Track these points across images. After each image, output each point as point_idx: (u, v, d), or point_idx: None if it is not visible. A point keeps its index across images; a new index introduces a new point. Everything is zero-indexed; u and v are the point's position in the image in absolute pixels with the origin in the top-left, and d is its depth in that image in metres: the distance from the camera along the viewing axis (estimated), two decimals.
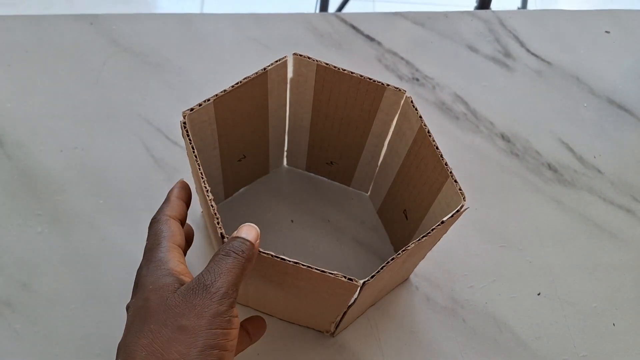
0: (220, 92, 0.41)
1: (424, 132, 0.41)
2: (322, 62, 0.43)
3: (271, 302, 0.44)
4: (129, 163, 0.55)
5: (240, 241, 0.33)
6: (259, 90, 0.44)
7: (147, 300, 0.31)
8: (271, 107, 0.47)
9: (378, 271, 0.35)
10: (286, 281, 0.38)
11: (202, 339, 0.29)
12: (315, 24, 0.66)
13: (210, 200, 0.36)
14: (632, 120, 0.63)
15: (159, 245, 0.34)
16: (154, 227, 0.36)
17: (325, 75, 0.43)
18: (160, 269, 0.32)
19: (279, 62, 0.42)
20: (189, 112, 0.39)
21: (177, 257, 0.34)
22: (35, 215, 0.51)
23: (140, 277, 0.33)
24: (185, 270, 0.33)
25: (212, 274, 0.31)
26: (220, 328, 0.30)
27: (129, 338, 0.31)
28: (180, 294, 0.31)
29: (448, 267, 0.52)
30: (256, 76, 0.42)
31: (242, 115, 0.45)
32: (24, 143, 0.55)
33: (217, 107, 0.41)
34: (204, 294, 0.30)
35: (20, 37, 0.61)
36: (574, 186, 0.58)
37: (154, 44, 0.62)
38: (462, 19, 0.69)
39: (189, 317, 0.30)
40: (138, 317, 0.31)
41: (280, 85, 0.45)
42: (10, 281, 0.48)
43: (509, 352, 0.48)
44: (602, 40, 0.69)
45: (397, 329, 0.48)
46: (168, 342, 0.29)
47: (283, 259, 0.34)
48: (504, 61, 0.66)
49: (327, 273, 0.34)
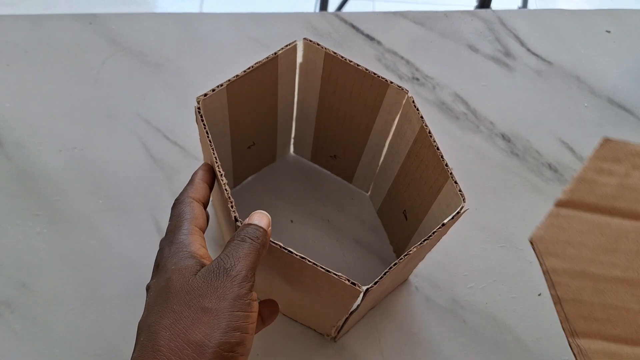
0: (233, 77, 0.41)
1: (425, 132, 0.41)
2: (330, 50, 0.42)
3: (276, 296, 0.44)
4: (128, 163, 0.55)
5: (254, 227, 0.33)
6: (269, 75, 0.43)
7: (170, 281, 0.31)
8: (280, 93, 0.47)
9: (381, 277, 0.35)
10: (292, 275, 0.38)
11: (225, 321, 0.30)
12: (315, 24, 0.66)
13: (225, 185, 0.36)
14: (632, 120, 0.63)
15: (181, 227, 0.34)
16: (177, 208, 0.36)
17: (333, 64, 0.43)
18: (182, 250, 0.33)
19: (289, 46, 0.42)
20: (203, 97, 0.39)
21: (198, 240, 0.34)
22: (34, 216, 0.51)
23: (162, 257, 0.33)
24: (207, 254, 0.34)
25: (231, 258, 0.31)
26: (241, 311, 0.30)
27: (151, 318, 0.31)
28: (201, 276, 0.31)
29: (448, 268, 0.51)
30: (267, 61, 0.42)
31: (253, 101, 0.45)
32: (22, 143, 0.55)
33: (230, 93, 0.41)
34: (225, 277, 0.31)
35: (19, 36, 0.61)
36: None
37: (153, 44, 0.62)
38: (463, 19, 0.69)
39: (212, 299, 0.30)
40: (160, 297, 0.31)
41: (289, 71, 0.45)
42: (10, 281, 0.48)
43: (509, 353, 0.48)
44: (603, 39, 0.69)
45: (397, 329, 0.48)
46: (192, 323, 0.29)
47: (290, 251, 0.34)
48: (504, 61, 0.66)
49: (331, 273, 0.34)
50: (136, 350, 0.31)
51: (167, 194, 0.53)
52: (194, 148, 0.56)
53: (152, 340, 0.30)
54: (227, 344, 0.29)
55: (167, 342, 0.29)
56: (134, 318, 0.47)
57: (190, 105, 0.59)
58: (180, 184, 0.54)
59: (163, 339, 0.29)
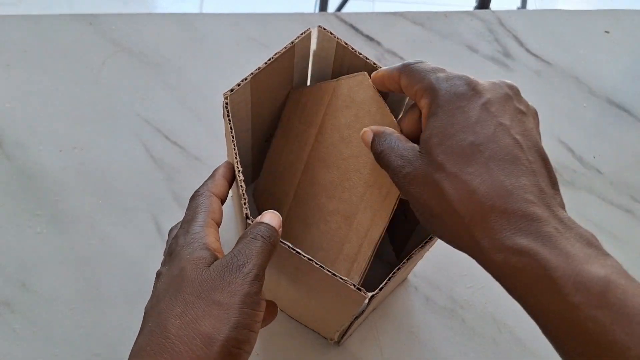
0: (255, 70, 0.41)
1: None
2: (341, 40, 0.43)
3: (282, 296, 0.44)
4: (128, 163, 0.55)
5: (265, 227, 0.34)
6: (287, 64, 0.43)
7: (184, 270, 0.32)
8: (295, 82, 0.47)
9: (385, 283, 0.35)
10: (298, 276, 0.38)
11: (235, 317, 0.30)
12: (315, 24, 0.66)
13: (241, 181, 0.36)
14: (631, 120, 0.63)
15: (198, 218, 0.35)
16: (195, 200, 0.36)
17: (344, 55, 0.43)
18: (197, 241, 0.33)
19: (304, 34, 0.42)
20: (229, 92, 0.39)
21: (213, 233, 0.35)
22: (34, 216, 0.51)
23: (177, 245, 0.34)
24: (220, 248, 0.34)
25: (244, 256, 0.32)
26: (250, 308, 0.31)
27: (162, 305, 0.31)
28: (214, 269, 0.31)
29: (447, 268, 0.52)
30: (285, 50, 0.42)
31: (271, 91, 0.45)
32: (23, 143, 0.55)
33: (253, 86, 0.41)
34: (238, 274, 0.31)
35: (20, 37, 0.61)
36: (573, 186, 0.58)
37: (153, 44, 0.62)
38: (462, 19, 0.69)
39: (223, 293, 0.30)
40: (173, 285, 0.32)
41: (303, 59, 0.45)
42: (9, 281, 0.48)
43: (508, 353, 0.48)
44: (602, 40, 0.69)
45: (397, 329, 0.48)
46: (202, 315, 0.30)
47: (298, 252, 0.34)
48: (503, 61, 0.66)
49: (337, 277, 0.34)
50: (143, 335, 0.31)
51: (167, 194, 0.53)
52: (194, 148, 0.56)
53: (161, 327, 0.30)
54: (235, 340, 0.30)
55: (176, 330, 0.29)
56: (133, 317, 0.47)
57: (190, 106, 0.59)
58: (180, 183, 0.54)
59: (173, 327, 0.30)
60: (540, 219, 0.29)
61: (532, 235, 0.28)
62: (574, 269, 0.27)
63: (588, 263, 0.27)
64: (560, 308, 0.27)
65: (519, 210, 0.29)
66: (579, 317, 0.27)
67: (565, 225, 0.29)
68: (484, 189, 0.29)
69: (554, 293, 0.27)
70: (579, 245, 0.28)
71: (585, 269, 0.27)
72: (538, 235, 0.28)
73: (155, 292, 0.33)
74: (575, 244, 0.28)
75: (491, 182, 0.29)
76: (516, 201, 0.29)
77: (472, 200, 0.29)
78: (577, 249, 0.28)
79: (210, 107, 0.58)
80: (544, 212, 0.29)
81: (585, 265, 0.27)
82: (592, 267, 0.27)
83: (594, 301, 0.26)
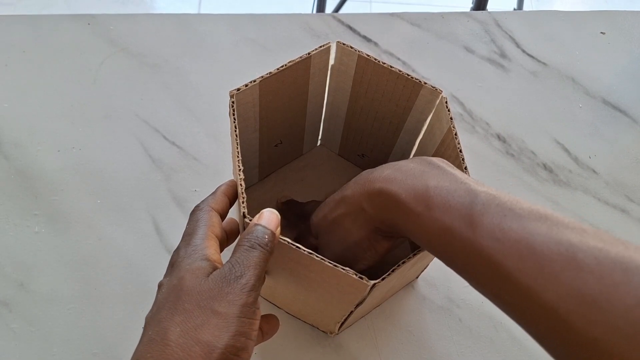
0: (266, 74, 0.41)
1: (451, 133, 0.41)
2: (363, 53, 0.43)
3: (282, 292, 0.45)
4: (127, 163, 0.55)
5: (262, 231, 0.34)
6: (301, 75, 0.44)
7: (183, 279, 0.33)
8: (311, 93, 0.47)
9: (388, 274, 0.36)
10: (299, 270, 0.38)
11: (234, 326, 0.31)
12: (312, 25, 0.66)
13: (241, 180, 0.37)
14: (626, 121, 0.64)
15: (198, 232, 0.36)
16: (196, 214, 0.37)
17: (366, 66, 0.44)
18: (197, 253, 0.34)
19: (323, 47, 0.43)
20: (235, 91, 0.40)
21: (213, 246, 0.36)
22: (32, 215, 0.51)
23: (178, 257, 0.35)
24: (220, 260, 0.35)
25: (241, 266, 0.33)
26: (247, 317, 0.32)
27: (162, 313, 0.32)
28: (213, 279, 0.33)
29: (444, 267, 0.51)
30: (300, 60, 0.42)
31: (283, 99, 0.45)
32: (21, 143, 0.55)
33: (262, 89, 0.42)
34: (235, 285, 0.32)
35: (18, 37, 0.61)
36: (569, 186, 0.58)
37: (152, 45, 0.63)
38: (459, 20, 0.69)
39: (222, 303, 0.31)
40: (173, 294, 0.33)
41: (321, 72, 0.46)
42: (8, 281, 0.48)
43: (504, 352, 0.48)
44: (598, 41, 0.70)
45: (394, 328, 0.49)
46: (202, 323, 0.31)
47: (298, 247, 0.35)
48: (499, 62, 0.66)
49: (338, 268, 0.34)
50: (142, 343, 0.31)
51: (165, 194, 0.53)
52: (192, 148, 0.56)
53: (161, 335, 0.31)
54: (234, 348, 0.31)
55: (176, 337, 0.30)
56: (132, 317, 0.47)
57: (189, 106, 0.59)
58: (178, 183, 0.54)
59: (173, 335, 0.30)
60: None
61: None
62: (408, 186, 0.34)
63: (417, 179, 0.35)
64: (415, 225, 0.34)
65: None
66: (427, 224, 0.33)
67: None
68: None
69: (405, 213, 0.34)
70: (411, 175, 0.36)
71: (415, 184, 0.34)
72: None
73: (156, 302, 0.34)
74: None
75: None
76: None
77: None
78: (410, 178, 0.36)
79: (209, 107, 0.59)
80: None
81: (414, 180, 0.35)
82: (418, 182, 0.34)
83: (421, 206, 0.33)
